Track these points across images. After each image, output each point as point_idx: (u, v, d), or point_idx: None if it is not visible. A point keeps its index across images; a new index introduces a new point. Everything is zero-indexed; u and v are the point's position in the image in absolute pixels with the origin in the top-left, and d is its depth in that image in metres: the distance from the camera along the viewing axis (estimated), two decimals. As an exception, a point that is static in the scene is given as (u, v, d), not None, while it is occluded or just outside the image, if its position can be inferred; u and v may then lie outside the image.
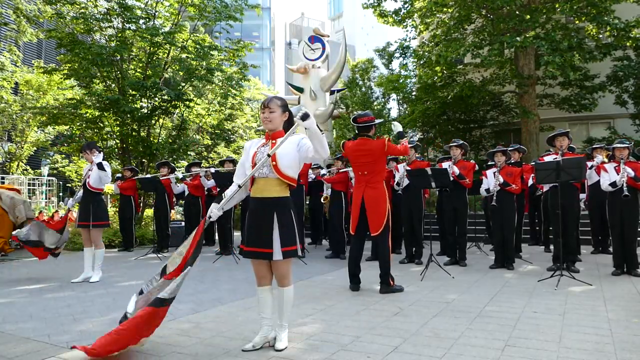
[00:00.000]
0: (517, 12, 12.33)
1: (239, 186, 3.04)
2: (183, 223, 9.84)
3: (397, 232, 7.66)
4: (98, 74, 11.69)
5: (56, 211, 12.91)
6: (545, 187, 6.69)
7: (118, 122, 11.57)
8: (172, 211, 11.12)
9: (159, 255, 8.11)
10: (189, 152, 14.18)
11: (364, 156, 4.85)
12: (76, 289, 5.20)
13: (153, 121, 12.31)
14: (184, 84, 12.64)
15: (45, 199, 16.72)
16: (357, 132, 5.03)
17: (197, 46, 12.16)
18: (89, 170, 5.82)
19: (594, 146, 7.38)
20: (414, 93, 17.01)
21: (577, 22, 13.43)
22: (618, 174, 5.55)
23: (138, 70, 12.40)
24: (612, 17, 11.53)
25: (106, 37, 12.02)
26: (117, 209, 10.01)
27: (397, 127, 5.04)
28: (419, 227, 7.05)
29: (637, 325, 3.54)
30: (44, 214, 12.56)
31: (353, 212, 4.97)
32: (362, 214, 4.87)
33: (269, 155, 2.91)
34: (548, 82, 14.60)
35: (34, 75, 16.12)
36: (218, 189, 8.44)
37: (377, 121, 5.03)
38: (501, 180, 6.26)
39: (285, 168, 2.98)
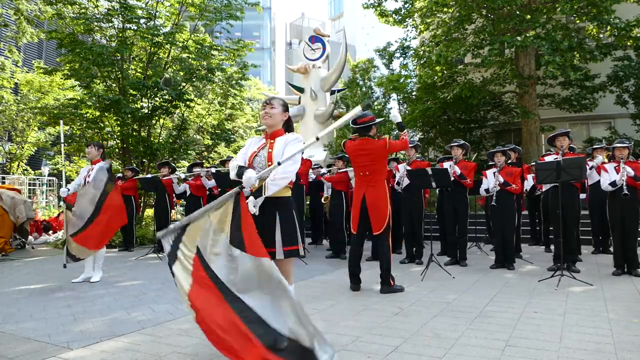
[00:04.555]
0: (518, 12, 12.32)
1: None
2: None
3: (397, 232, 7.66)
4: (99, 74, 11.69)
5: (62, 211, 12.89)
6: (545, 187, 6.69)
7: (118, 122, 11.58)
8: (173, 211, 11.12)
9: (159, 255, 8.11)
10: (189, 152, 14.17)
11: (365, 156, 4.84)
12: (76, 289, 5.20)
13: (153, 121, 12.32)
14: (184, 84, 12.65)
15: (46, 199, 16.70)
16: (357, 133, 5.02)
17: (198, 46, 12.18)
18: (90, 170, 5.82)
19: (594, 146, 7.38)
20: (414, 93, 16.98)
21: (577, 22, 13.42)
22: (618, 174, 5.56)
23: (139, 70, 12.41)
24: (612, 17, 11.52)
25: (107, 37, 12.03)
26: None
27: (397, 117, 4.94)
28: (419, 227, 7.05)
29: (637, 325, 3.54)
30: (38, 214, 12.52)
31: (354, 212, 4.96)
32: (363, 213, 4.87)
33: (279, 163, 2.82)
34: (548, 82, 14.59)
35: (35, 76, 16.14)
36: (219, 189, 8.45)
37: (376, 120, 5.02)
38: (501, 180, 6.26)
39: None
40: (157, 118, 12.29)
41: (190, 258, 2.74)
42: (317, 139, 2.72)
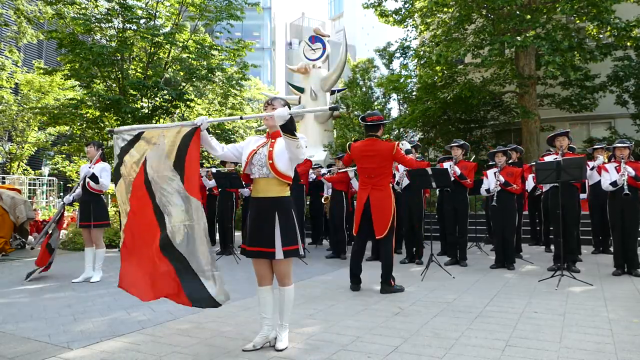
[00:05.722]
0: (518, 12, 12.31)
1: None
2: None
3: (397, 232, 7.65)
4: (99, 74, 11.69)
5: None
6: (545, 187, 6.68)
7: (119, 122, 11.57)
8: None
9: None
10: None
11: (371, 157, 4.83)
12: (76, 289, 5.21)
13: (154, 121, 12.31)
14: (184, 84, 12.63)
15: (46, 199, 16.70)
16: (365, 131, 5.04)
17: (198, 46, 12.17)
18: (90, 169, 5.82)
19: (594, 147, 7.38)
20: (414, 93, 16.98)
21: (577, 22, 13.42)
22: (618, 174, 5.56)
23: (139, 70, 12.41)
24: (612, 17, 11.52)
25: (107, 37, 12.02)
26: (118, 209, 10.01)
27: (405, 145, 5.07)
28: (419, 227, 7.05)
29: (637, 325, 3.54)
30: (39, 213, 12.51)
31: (357, 213, 4.94)
32: (366, 215, 4.85)
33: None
34: (548, 82, 14.59)
35: (35, 76, 16.14)
36: (219, 189, 8.45)
37: (385, 121, 5.04)
38: (502, 180, 6.26)
39: (282, 166, 3.01)
40: (157, 118, 12.28)
41: (137, 165, 2.96)
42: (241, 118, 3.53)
